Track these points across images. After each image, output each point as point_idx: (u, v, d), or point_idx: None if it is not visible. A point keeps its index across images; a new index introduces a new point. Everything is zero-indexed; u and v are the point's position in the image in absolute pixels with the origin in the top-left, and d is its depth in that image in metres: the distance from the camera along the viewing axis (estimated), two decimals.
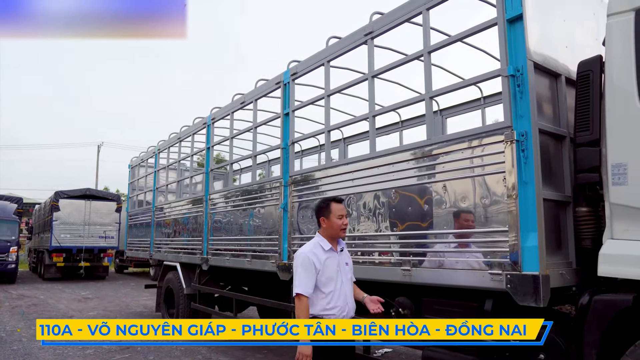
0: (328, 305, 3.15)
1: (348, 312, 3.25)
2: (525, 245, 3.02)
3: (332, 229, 3.26)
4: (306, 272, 3.14)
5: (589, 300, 2.85)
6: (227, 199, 6.97)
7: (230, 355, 6.66)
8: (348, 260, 3.42)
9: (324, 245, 3.26)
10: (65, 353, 6.73)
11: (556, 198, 3.23)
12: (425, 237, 3.76)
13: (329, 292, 3.17)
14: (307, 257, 3.17)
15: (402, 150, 4.13)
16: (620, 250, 2.77)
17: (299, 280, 3.15)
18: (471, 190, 3.42)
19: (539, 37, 3.32)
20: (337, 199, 3.39)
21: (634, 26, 2.83)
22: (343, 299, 3.22)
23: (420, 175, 3.80)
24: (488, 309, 3.32)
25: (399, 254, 3.94)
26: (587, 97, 3.11)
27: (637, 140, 2.76)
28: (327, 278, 3.18)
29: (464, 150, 3.49)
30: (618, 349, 2.69)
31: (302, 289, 3.12)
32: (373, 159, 4.37)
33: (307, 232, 5.05)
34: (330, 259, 3.23)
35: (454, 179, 3.54)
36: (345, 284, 3.28)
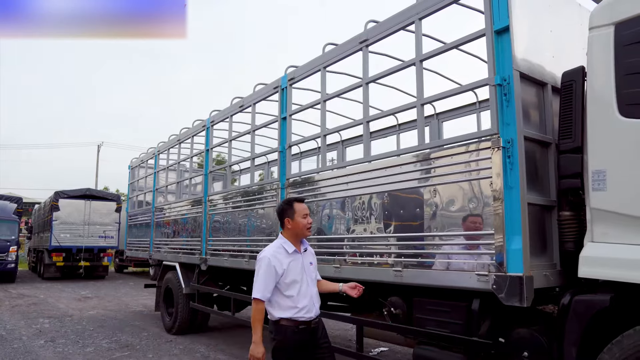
0: (294, 307, 3.19)
1: (315, 312, 3.29)
2: (510, 248, 3.16)
3: (298, 229, 3.29)
4: (265, 277, 3.16)
5: (570, 301, 2.98)
6: (226, 201, 7.10)
7: (229, 353, 6.79)
8: (312, 260, 3.44)
9: (288, 247, 3.27)
10: (66, 351, 6.86)
11: (541, 202, 3.36)
12: (416, 239, 3.89)
13: (294, 295, 3.20)
14: (269, 261, 3.18)
15: (393, 155, 4.28)
16: (599, 253, 2.91)
17: (257, 285, 3.18)
18: (460, 195, 3.55)
19: (526, 48, 3.45)
20: (299, 199, 3.42)
21: (613, 40, 2.96)
22: (309, 299, 3.26)
23: (411, 180, 3.93)
24: (475, 308, 3.45)
25: (391, 255, 4.07)
26: (570, 106, 3.24)
27: (616, 148, 2.89)
28: (291, 281, 3.21)
29: (453, 156, 3.62)
30: (596, 347, 2.82)
31: (261, 294, 3.16)
32: (366, 162, 4.51)
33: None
34: (294, 261, 3.26)
35: (444, 184, 3.67)
36: (310, 284, 3.32)
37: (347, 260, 4.53)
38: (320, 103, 5.18)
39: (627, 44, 2.90)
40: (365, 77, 4.57)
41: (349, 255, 4.52)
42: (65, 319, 9.63)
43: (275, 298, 3.22)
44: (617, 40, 2.95)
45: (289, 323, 3.19)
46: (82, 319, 9.64)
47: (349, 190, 4.60)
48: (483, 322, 3.48)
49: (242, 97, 6.87)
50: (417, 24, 4.06)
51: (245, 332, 8.36)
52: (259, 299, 3.16)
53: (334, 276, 4.61)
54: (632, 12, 2.91)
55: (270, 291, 3.18)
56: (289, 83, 5.70)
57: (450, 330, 3.61)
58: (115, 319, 9.68)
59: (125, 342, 7.44)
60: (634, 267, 2.72)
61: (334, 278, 4.64)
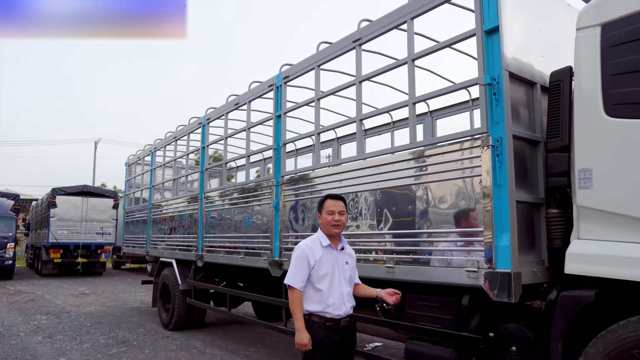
0: (322, 302, 3.17)
1: (345, 311, 3.24)
2: (499, 245, 3.22)
3: (324, 225, 3.31)
4: (298, 265, 3.19)
5: (557, 296, 3.04)
6: (222, 198, 7.15)
7: (225, 349, 6.85)
8: (349, 260, 3.39)
9: (323, 241, 3.27)
10: (63, 347, 6.91)
11: (530, 200, 3.42)
12: (408, 236, 3.95)
13: (324, 289, 3.18)
14: (303, 251, 3.22)
15: (385, 153, 4.34)
16: (585, 250, 2.97)
17: (291, 272, 3.22)
18: (450, 192, 3.61)
19: (516, 47, 3.50)
20: (333, 196, 3.39)
21: (600, 40, 3.01)
22: (339, 297, 3.21)
23: (403, 177, 3.99)
24: (465, 304, 3.52)
25: (383, 252, 4.13)
26: (557, 105, 3.29)
27: (602, 147, 2.95)
28: (323, 274, 3.19)
29: (443, 154, 3.68)
30: (582, 342, 2.88)
31: (292, 281, 3.19)
32: (359, 160, 4.57)
33: (299, 230, 5.25)
34: (328, 255, 3.24)
35: (435, 181, 3.73)
36: (344, 283, 3.27)
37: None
38: (315, 101, 5.22)
39: (613, 45, 2.96)
40: (359, 75, 4.61)
41: None
42: (62, 316, 9.68)
43: (306, 290, 3.21)
44: (603, 41, 3.01)
45: (317, 319, 3.17)
46: (80, 315, 9.69)
47: (343, 187, 4.64)
48: (473, 317, 3.55)
49: (238, 95, 6.90)
50: (409, 24, 4.10)
51: (241, 328, 8.44)
52: (292, 287, 3.18)
53: None
54: (618, 13, 2.96)
55: (304, 280, 3.18)
56: (284, 81, 5.74)
57: (441, 325, 3.68)
58: (113, 315, 9.74)
59: (123, 338, 7.50)
60: (618, 264, 2.78)
61: None
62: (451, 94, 4.68)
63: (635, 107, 2.82)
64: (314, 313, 3.18)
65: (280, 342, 7.35)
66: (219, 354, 6.51)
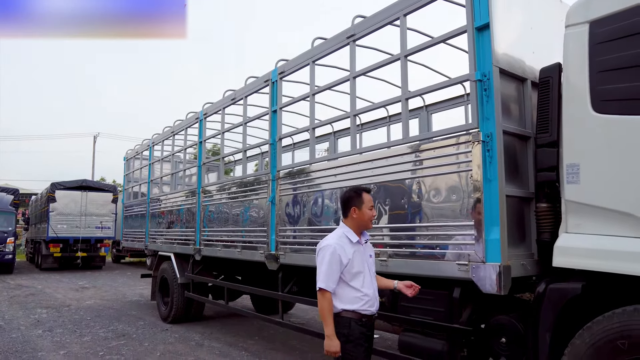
0: (360, 300, 3.08)
1: (376, 307, 3.19)
2: (489, 238, 3.28)
3: (363, 220, 3.17)
4: (331, 267, 3.03)
5: (545, 289, 3.11)
6: (219, 192, 7.21)
7: (223, 341, 6.93)
8: (372, 253, 3.33)
9: (352, 237, 3.15)
10: (63, 340, 7.00)
11: (520, 194, 3.48)
12: (400, 230, 4.01)
13: (359, 286, 3.09)
14: (334, 250, 3.04)
15: (378, 148, 4.40)
16: (572, 243, 3.03)
17: (323, 275, 3.04)
18: (442, 187, 3.66)
19: (506, 44, 3.55)
20: (367, 189, 3.30)
21: (588, 37, 3.06)
22: (373, 292, 3.16)
23: (395, 172, 4.04)
24: (456, 296, 3.58)
25: (377, 245, 4.18)
26: (546, 101, 3.34)
27: (589, 143, 3.00)
28: (355, 272, 3.09)
29: (435, 149, 3.73)
30: (570, 333, 2.95)
31: (325, 284, 3.02)
32: (355, 154, 4.62)
33: (294, 224, 5.31)
34: (357, 252, 3.14)
35: (427, 176, 3.79)
36: (372, 277, 3.23)
37: None
38: (310, 97, 5.27)
39: (600, 42, 3.00)
40: (353, 71, 4.66)
41: None
42: (62, 309, 9.76)
43: (338, 289, 3.06)
44: (591, 38, 3.05)
45: (353, 315, 3.06)
46: (80, 309, 9.77)
47: (337, 182, 4.71)
48: (464, 309, 3.61)
49: (235, 90, 6.94)
50: (402, 20, 4.14)
51: (240, 321, 8.52)
52: (324, 289, 3.02)
53: None
54: (606, 10, 3.00)
55: (336, 282, 3.04)
56: (279, 76, 5.78)
57: (433, 317, 3.75)
58: (112, 309, 9.82)
59: (122, 331, 7.58)
60: (604, 257, 2.84)
61: None
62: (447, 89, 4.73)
63: (621, 104, 2.87)
64: (349, 309, 3.06)
65: (278, 334, 7.44)
66: (217, 347, 6.59)
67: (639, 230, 2.72)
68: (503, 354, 3.35)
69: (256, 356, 6.11)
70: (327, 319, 3.01)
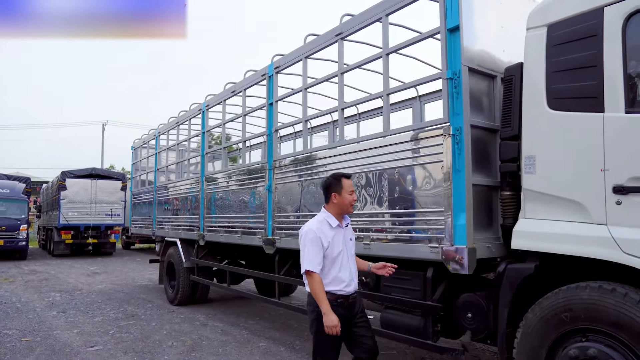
0: (335, 282, 3.26)
1: (354, 288, 3.36)
2: (457, 223, 3.61)
3: (344, 205, 3.34)
4: (314, 249, 3.21)
5: (504, 269, 3.44)
6: (221, 180, 7.58)
7: (226, 321, 7.35)
8: (352, 236, 3.50)
9: (331, 221, 3.32)
10: (76, 320, 7.45)
11: (487, 183, 3.79)
12: (380, 216, 4.35)
13: (336, 269, 3.27)
14: (315, 234, 3.23)
15: (363, 140, 4.74)
16: (528, 228, 3.35)
17: (307, 257, 3.21)
18: (417, 176, 3.99)
19: (476, 44, 3.84)
20: (347, 175, 3.46)
21: (545, 40, 3.34)
22: (348, 274, 3.32)
23: (376, 163, 4.37)
24: (429, 276, 3.92)
25: (360, 230, 4.52)
26: (509, 98, 3.64)
27: (544, 137, 3.30)
28: (335, 255, 3.27)
29: (412, 142, 4.05)
30: (526, 308, 3.29)
31: (311, 265, 3.19)
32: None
33: (289, 210, 5.67)
34: (337, 235, 3.31)
35: (404, 167, 4.11)
36: (350, 259, 3.38)
37: None
38: (302, 91, 5.58)
39: (556, 44, 3.29)
40: (340, 67, 4.96)
41: None
42: (75, 293, 10.25)
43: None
44: (548, 40, 3.33)
45: (329, 296, 3.21)
46: (91, 293, 10.25)
47: (326, 172, 5.03)
48: (437, 288, 3.96)
49: (235, 83, 7.27)
50: (384, 20, 4.43)
51: (243, 303, 8.95)
52: (311, 271, 3.19)
53: None
54: (561, 15, 3.28)
55: (320, 263, 3.21)
56: (275, 71, 6.10)
57: (411, 296, 4.10)
58: (122, 292, 10.29)
59: (131, 313, 8.03)
60: (555, 240, 3.17)
61: None
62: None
63: (571, 102, 3.16)
64: (326, 291, 3.22)
65: (278, 315, 7.85)
66: (220, 326, 7.01)
67: (584, 216, 3.03)
68: (469, 328, 3.70)
69: (255, 335, 6.51)
70: (320, 297, 3.16)
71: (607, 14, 3.01)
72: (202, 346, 5.92)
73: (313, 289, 3.20)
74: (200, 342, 6.09)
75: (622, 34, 2.94)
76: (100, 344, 6.03)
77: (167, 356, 5.50)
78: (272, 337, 6.38)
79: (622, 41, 2.94)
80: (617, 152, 2.90)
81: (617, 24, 2.96)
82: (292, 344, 6.02)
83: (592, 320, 2.87)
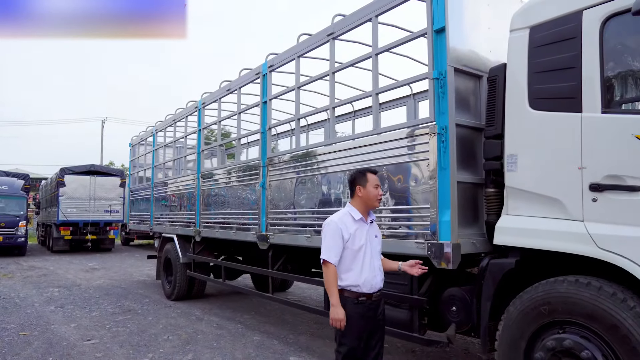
0: (355, 278, 3.18)
1: (376, 285, 3.26)
2: (442, 220, 3.71)
3: (369, 199, 3.29)
4: (333, 240, 3.17)
5: (487, 264, 3.55)
6: (216, 177, 7.68)
7: (221, 316, 7.46)
8: (377, 233, 3.41)
9: (354, 214, 3.26)
10: (74, 315, 7.57)
11: (472, 181, 3.90)
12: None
13: (358, 264, 3.19)
14: (336, 225, 3.20)
15: (353, 138, 4.85)
16: (510, 224, 3.46)
17: (326, 247, 3.19)
18: (405, 173, 4.10)
19: (463, 45, 3.93)
20: (372, 170, 3.41)
21: (528, 41, 3.44)
22: (371, 271, 3.22)
23: (365, 161, 4.45)
24: None
25: None
26: (493, 97, 3.74)
27: (525, 136, 3.41)
28: (357, 249, 3.20)
29: (400, 140, 4.15)
30: (507, 302, 3.40)
31: (327, 255, 3.16)
32: (334, 144, 5.05)
33: (282, 207, 5.77)
34: (360, 229, 3.24)
35: (392, 164, 4.21)
36: (374, 256, 3.30)
37: (317, 230, 5.11)
38: (295, 89, 5.68)
39: (537, 46, 3.39)
40: (332, 67, 5.06)
41: (318, 226, 5.10)
42: (73, 288, 10.37)
43: (338, 266, 3.20)
44: (530, 42, 3.43)
45: (349, 295, 3.16)
46: (89, 288, 10.37)
47: (318, 169, 5.15)
48: (424, 282, 4.07)
49: (230, 81, 7.36)
50: (374, 20, 4.52)
51: (239, 299, 9.07)
52: (328, 261, 3.16)
53: (306, 245, 5.23)
54: (543, 17, 3.38)
55: (338, 254, 3.17)
56: (269, 70, 6.20)
57: (399, 290, 4.20)
58: (120, 288, 10.41)
59: (128, 307, 8.14)
60: (534, 236, 3.27)
61: (306, 247, 5.27)
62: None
63: (551, 102, 3.26)
64: (346, 289, 3.18)
65: (273, 310, 7.97)
66: (215, 320, 7.12)
67: (563, 213, 3.14)
68: (454, 321, 3.81)
69: (250, 329, 6.63)
70: (331, 289, 3.13)
71: (586, 17, 3.11)
72: (197, 340, 6.03)
73: (326, 278, 3.18)
74: (196, 336, 6.20)
75: (599, 36, 3.04)
76: (97, 338, 6.14)
77: (162, 349, 5.62)
78: (266, 331, 6.49)
79: (599, 44, 3.04)
80: (593, 151, 3.01)
81: (594, 26, 3.06)
82: (286, 338, 6.13)
83: (569, 313, 2.98)
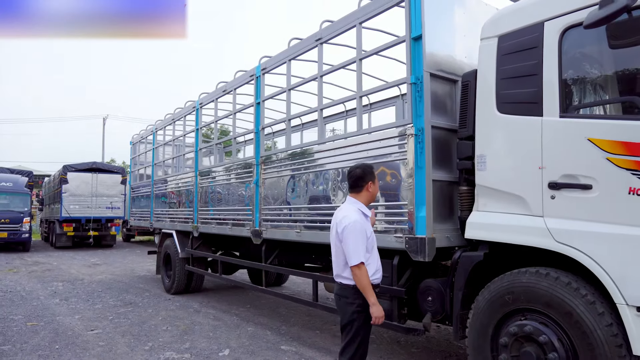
0: (373, 271, 3.36)
1: (381, 274, 3.52)
2: (418, 215, 3.98)
3: (375, 194, 3.51)
4: (360, 241, 3.22)
5: (459, 256, 3.82)
6: (213, 175, 7.96)
7: (218, 309, 7.76)
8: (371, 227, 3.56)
9: (365, 211, 3.38)
10: (78, 307, 7.88)
11: (447, 179, 4.16)
12: None
13: (373, 258, 3.38)
14: (361, 225, 3.25)
15: (339, 138, 5.11)
16: (479, 219, 3.72)
17: (354, 251, 3.20)
18: (385, 172, 4.36)
19: (439, 51, 4.19)
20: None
21: (496, 49, 3.70)
22: (378, 262, 3.46)
23: (352, 160, 4.70)
24: (395, 263, 4.30)
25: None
26: (465, 101, 3.99)
27: (492, 138, 3.67)
28: (371, 242, 3.36)
29: (381, 141, 4.41)
30: (477, 292, 3.67)
31: (358, 258, 3.19)
32: (323, 143, 5.32)
33: (274, 203, 6.05)
34: (368, 223, 3.41)
35: (375, 164, 4.44)
36: (375, 248, 3.47)
37: (306, 225, 5.38)
38: (286, 92, 5.95)
39: (505, 54, 3.64)
40: (320, 70, 5.32)
41: (307, 221, 5.37)
42: (76, 283, 10.68)
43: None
44: (499, 50, 3.68)
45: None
46: (92, 283, 10.68)
47: (307, 168, 5.41)
48: (403, 274, 4.33)
49: (226, 82, 7.63)
50: (357, 28, 4.78)
51: (236, 292, 9.36)
52: (362, 264, 3.21)
53: (296, 239, 5.50)
54: (510, 27, 3.63)
55: (364, 252, 3.24)
56: (262, 72, 6.46)
57: (381, 281, 4.47)
58: (121, 282, 10.71)
59: (129, 301, 8.45)
60: (501, 230, 3.54)
61: (296, 242, 5.54)
62: None
63: (516, 106, 3.52)
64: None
65: (268, 303, 8.26)
66: (212, 313, 7.42)
67: (526, 209, 3.40)
68: (429, 310, 4.08)
69: (245, 320, 6.92)
70: (367, 289, 3.23)
71: (547, 28, 3.36)
72: (194, 330, 6.32)
73: (363, 281, 3.21)
74: (193, 327, 6.50)
75: (558, 46, 3.30)
76: (100, 328, 6.44)
77: (161, 339, 5.91)
78: (260, 323, 6.78)
79: (558, 53, 3.30)
80: (552, 152, 3.27)
81: (554, 37, 3.32)
82: (279, 329, 6.42)
83: (530, 301, 3.25)
